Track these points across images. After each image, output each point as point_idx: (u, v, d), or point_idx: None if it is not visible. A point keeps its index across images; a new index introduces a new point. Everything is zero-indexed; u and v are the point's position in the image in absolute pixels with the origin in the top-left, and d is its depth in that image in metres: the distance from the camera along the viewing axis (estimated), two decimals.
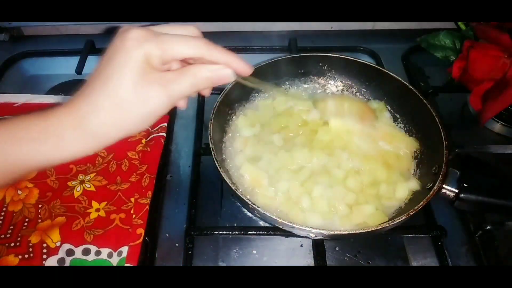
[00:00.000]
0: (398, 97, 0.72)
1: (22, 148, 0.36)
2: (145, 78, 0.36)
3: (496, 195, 0.57)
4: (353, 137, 0.68)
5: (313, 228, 0.53)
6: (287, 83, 0.77)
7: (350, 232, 0.53)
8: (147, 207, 0.61)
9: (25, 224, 0.59)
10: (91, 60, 0.84)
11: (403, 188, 0.62)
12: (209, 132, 0.61)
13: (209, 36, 0.39)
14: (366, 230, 0.53)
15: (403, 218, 0.53)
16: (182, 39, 0.37)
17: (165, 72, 0.37)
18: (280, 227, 0.56)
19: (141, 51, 0.35)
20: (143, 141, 0.69)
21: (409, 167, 0.66)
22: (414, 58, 0.90)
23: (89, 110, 0.36)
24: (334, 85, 0.78)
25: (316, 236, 0.57)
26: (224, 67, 0.39)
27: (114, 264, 0.56)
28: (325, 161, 0.65)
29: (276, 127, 0.70)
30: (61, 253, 0.56)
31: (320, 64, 0.76)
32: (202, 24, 0.93)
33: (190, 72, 0.38)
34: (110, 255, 0.57)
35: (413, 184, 0.62)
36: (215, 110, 0.64)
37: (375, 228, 0.53)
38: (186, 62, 0.42)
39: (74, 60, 0.84)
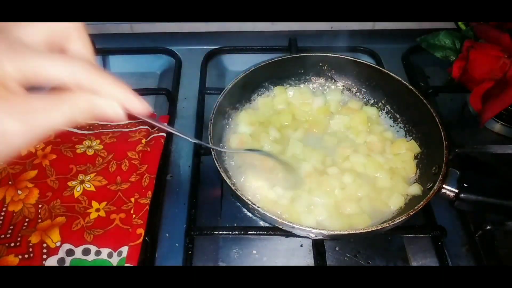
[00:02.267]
0: (398, 97, 0.72)
1: None
2: None
3: (496, 195, 0.57)
4: (358, 138, 0.69)
5: (313, 228, 0.53)
6: (287, 83, 0.77)
7: (350, 232, 0.53)
8: (147, 207, 0.61)
9: (25, 224, 0.59)
10: None
11: (403, 195, 0.62)
12: (209, 132, 0.61)
13: (209, 36, 0.39)
14: (366, 230, 0.53)
15: (403, 218, 0.53)
16: (51, 58, 0.29)
17: (30, 97, 0.29)
18: (280, 227, 0.56)
19: None
20: (143, 141, 0.69)
21: (412, 172, 0.66)
22: (414, 58, 0.90)
23: None
24: (334, 85, 0.78)
25: (316, 236, 0.57)
26: (112, 100, 0.31)
27: (114, 264, 0.56)
28: (326, 164, 0.65)
29: (277, 125, 0.70)
30: (61, 253, 0.56)
31: (320, 64, 0.76)
32: (202, 24, 0.93)
33: (66, 101, 0.30)
34: (110, 255, 0.57)
35: (415, 189, 0.62)
36: (215, 110, 0.64)
37: (375, 228, 0.53)
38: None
39: None
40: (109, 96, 0.31)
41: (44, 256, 0.56)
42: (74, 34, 0.32)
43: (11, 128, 0.28)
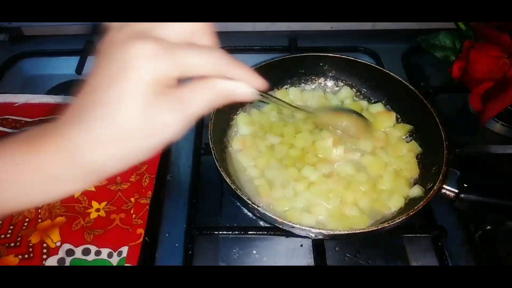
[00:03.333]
0: (398, 97, 0.72)
1: (5, 193, 0.31)
2: (157, 103, 0.30)
3: (496, 195, 0.57)
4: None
5: (313, 228, 0.53)
6: (287, 83, 0.77)
7: (350, 232, 0.53)
8: (147, 207, 0.61)
9: (25, 224, 0.59)
10: (91, 60, 0.84)
11: (403, 195, 0.62)
12: (209, 132, 0.61)
13: None
14: (366, 230, 0.53)
15: (403, 218, 0.53)
16: (199, 54, 0.32)
17: (179, 90, 0.32)
18: (280, 227, 0.56)
19: (154, 72, 0.30)
20: None
21: (415, 173, 0.66)
22: (414, 58, 0.90)
23: (88, 144, 0.30)
24: (335, 85, 0.78)
25: (316, 236, 0.57)
26: (243, 84, 0.35)
27: (114, 264, 0.56)
28: (329, 169, 0.65)
29: (278, 130, 0.70)
30: (61, 253, 0.56)
31: (320, 64, 0.76)
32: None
33: (207, 88, 0.33)
34: (110, 255, 0.57)
35: (415, 190, 0.62)
36: (215, 110, 0.64)
37: (375, 228, 0.53)
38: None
39: (74, 60, 0.84)
40: (239, 79, 0.34)
41: (44, 256, 0.56)
42: (202, 31, 0.35)
43: (172, 120, 0.31)
